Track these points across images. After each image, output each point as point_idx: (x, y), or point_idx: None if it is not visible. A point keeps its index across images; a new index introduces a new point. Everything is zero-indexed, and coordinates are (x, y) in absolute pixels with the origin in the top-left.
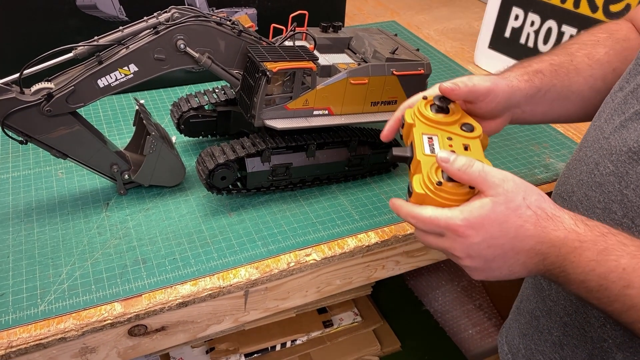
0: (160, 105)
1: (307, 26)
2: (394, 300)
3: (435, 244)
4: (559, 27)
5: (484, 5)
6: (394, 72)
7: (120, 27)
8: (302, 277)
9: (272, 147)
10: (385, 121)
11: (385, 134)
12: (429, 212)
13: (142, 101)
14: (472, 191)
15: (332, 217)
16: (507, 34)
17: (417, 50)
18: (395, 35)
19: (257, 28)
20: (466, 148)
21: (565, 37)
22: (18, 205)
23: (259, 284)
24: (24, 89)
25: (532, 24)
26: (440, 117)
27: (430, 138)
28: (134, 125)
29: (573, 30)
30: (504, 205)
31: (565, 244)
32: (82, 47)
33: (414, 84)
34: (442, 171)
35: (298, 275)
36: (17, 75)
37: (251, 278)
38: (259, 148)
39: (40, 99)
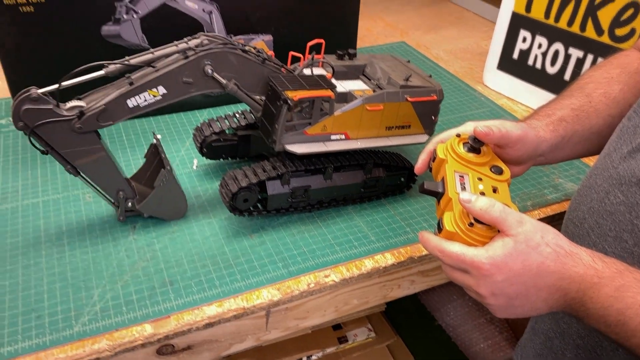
0: (181, 128)
1: (324, 53)
2: (407, 316)
3: (461, 280)
4: (566, 49)
5: (491, 24)
6: (408, 99)
7: (151, 49)
8: (321, 297)
9: (291, 171)
10: (400, 145)
11: (420, 167)
12: (456, 248)
13: (159, 136)
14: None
15: (349, 239)
16: (516, 55)
17: (430, 76)
18: (408, 61)
19: (273, 54)
20: (495, 190)
21: (572, 60)
22: (49, 229)
23: (280, 304)
24: (59, 104)
25: (540, 46)
26: (472, 156)
27: (462, 176)
28: (144, 157)
29: (580, 53)
30: (525, 244)
31: (584, 279)
32: (114, 65)
33: (427, 109)
34: None
35: (317, 295)
36: (55, 85)
37: (273, 299)
38: (279, 171)
39: (73, 115)
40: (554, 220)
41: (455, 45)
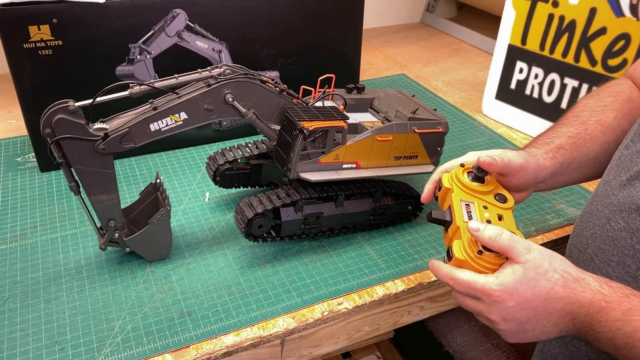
0: (192, 162)
1: (333, 87)
2: (415, 343)
3: (472, 306)
4: (562, 79)
5: (487, 54)
6: (416, 130)
7: (175, 75)
8: (334, 324)
9: (305, 198)
10: (408, 174)
11: (426, 197)
12: (466, 276)
13: (161, 178)
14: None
15: (360, 267)
16: (513, 85)
17: (435, 109)
18: (413, 95)
19: (285, 86)
20: (500, 218)
21: (568, 89)
22: (68, 263)
23: (295, 332)
24: (89, 122)
25: (536, 76)
26: (476, 185)
27: (468, 205)
28: (139, 195)
29: (575, 83)
30: (534, 271)
31: (592, 304)
32: (139, 87)
33: (433, 140)
34: None
35: (330, 323)
36: (89, 101)
37: (289, 327)
38: (293, 199)
39: (99, 136)
40: (557, 245)
41: (453, 77)
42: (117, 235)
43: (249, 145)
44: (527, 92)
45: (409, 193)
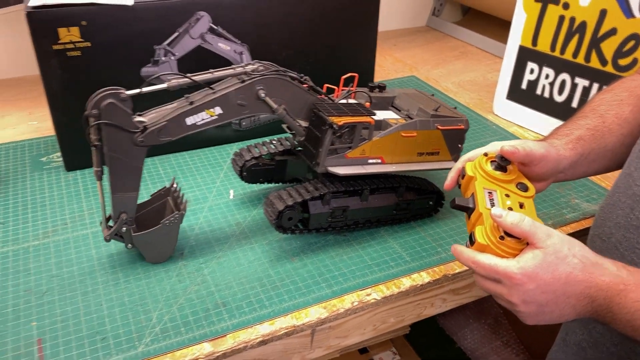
0: (214, 162)
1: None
2: (428, 339)
3: (493, 289)
4: (572, 79)
5: (494, 57)
6: (438, 127)
7: (211, 70)
8: (362, 315)
9: (332, 192)
10: (430, 170)
11: (449, 184)
12: (489, 260)
13: (176, 184)
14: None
15: (385, 259)
16: (524, 85)
17: (455, 108)
18: (432, 95)
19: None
20: (522, 206)
21: (579, 89)
22: (101, 257)
23: (326, 322)
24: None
25: (547, 76)
26: (499, 174)
27: (490, 192)
28: (151, 196)
29: (586, 82)
30: (554, 255)
31: (610, 287)
32: (176, 80)
33: (455, 137)
34: None
35: (359, 314)
36: (137, 90)
37: (321, 317)
38: (321, 192)
39: (139, 128)
40: (575, 237)
41: (462, 78)
42: (124, 229)
43: (274, 142)
44: (538, 91)
45: (431, 188)
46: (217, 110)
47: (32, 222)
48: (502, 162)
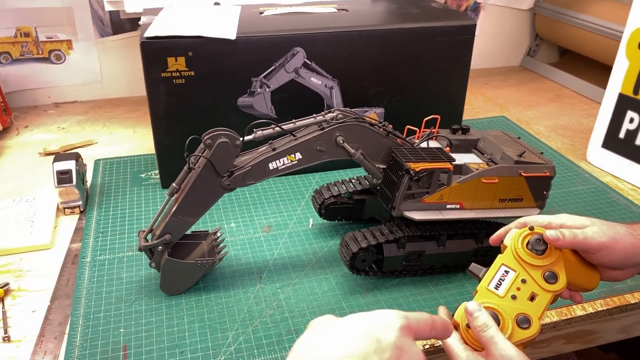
0: (297, 190)
1: (438, 128)
2: None
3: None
4: None
5: (591, 102)
6: (522, 174)
7: (293, 120)
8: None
9: (407, 235)
10: (512, 217)
11: (494, 239)
12: (451, 339)
13: (220, 232)
14: None
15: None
16: (622, 135)
17: (542, 153)
18: (519, 138)
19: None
20: (532, 298)
21: None
22: None
23: None
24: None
25: None
26: (529, 256)
27: (507, 272)
28: (192, 232)
29: None
30: None
31: None
32: (262, 132)
33: (540, 184)
34: None
35: (431, 357)
36: (251, 136)
37: None
38: (396, 236)
39: (227, 174)
40: None
41: (555, 122)
42: (160, 248)
43: (353, 180)
44: (638, 142)
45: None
46: (298, 155)
47: (128, 233)
48: (537, 246)
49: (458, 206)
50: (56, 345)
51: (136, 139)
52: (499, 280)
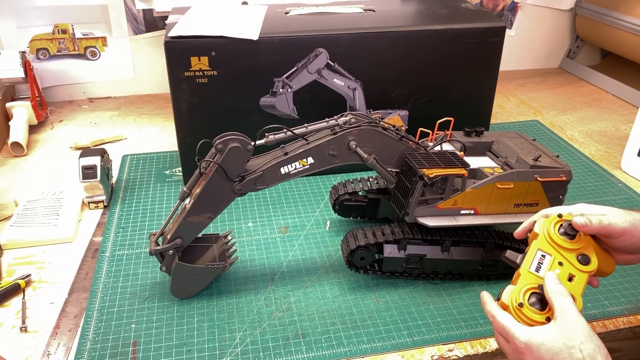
0: (317, 191)
1: (452, 129)
2: None
3: (501, 345)
4: None
5: (631, 107)
6: (538, 178)
7: (305, 124)
8: None
9: (409, 238)
10: None
11: (518, 233)
12: (504, 320)
13: (230, 237)
14: (545, 322)
15: (475, 315)
16: None
17: (557, 156)
18: (534, 139)
19: (406, 127)
20: (570, 279)
21: None
22: None
23: None
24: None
25: None
26: (563, 240)
27: (544, 256)
28: (202, 235)
29: None
30: (563, 342)
31: None
32: (274, 136)
33: (556, 189)
34: (531, 293)
35: None
36: (262, 141)
37: None
38: (397, 237)
39: (238, 178)
40: None
41: (591, 128)
42: (171, 252)
43: (371, 179)
44: None
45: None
46: (310, 160)
47: (147, 230)
48: (569, 231)
49: (472, 211)
50: (70, 337)
51: (163, 136)
52: (538, 264)
